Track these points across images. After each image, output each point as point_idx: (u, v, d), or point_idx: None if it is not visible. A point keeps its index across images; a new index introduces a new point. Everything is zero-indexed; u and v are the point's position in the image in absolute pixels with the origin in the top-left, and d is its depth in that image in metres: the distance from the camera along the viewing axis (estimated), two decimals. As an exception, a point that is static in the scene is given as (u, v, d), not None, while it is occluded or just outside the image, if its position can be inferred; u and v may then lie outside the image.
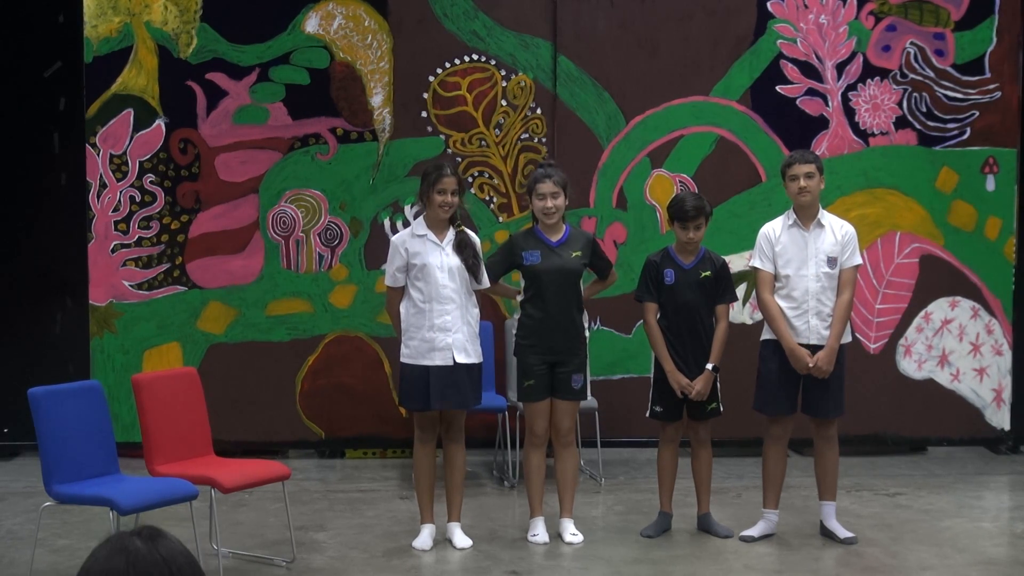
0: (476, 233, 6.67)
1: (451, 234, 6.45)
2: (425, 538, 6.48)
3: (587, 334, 6.71)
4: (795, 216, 6.60)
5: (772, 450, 6.72)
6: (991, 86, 8.69)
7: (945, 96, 8.67)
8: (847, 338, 6.66)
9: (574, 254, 6.55)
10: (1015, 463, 8.67)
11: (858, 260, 6.62)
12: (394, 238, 6.52)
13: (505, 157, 8.49)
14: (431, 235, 6.42)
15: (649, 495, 7.52)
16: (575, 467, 6.73)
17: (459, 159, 8.44)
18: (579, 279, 6.61)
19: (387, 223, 8.41)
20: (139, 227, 8.31)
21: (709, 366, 6.63)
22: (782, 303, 6.57)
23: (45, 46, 8.48)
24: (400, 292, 6.45)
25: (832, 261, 6.53)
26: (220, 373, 8.18)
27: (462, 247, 6.45)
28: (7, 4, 8.46)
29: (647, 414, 6.81)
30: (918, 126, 8.66)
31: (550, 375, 6.55)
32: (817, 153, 7.71)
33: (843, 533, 6.62)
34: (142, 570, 1.98)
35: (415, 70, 8.42)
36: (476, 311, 6.51)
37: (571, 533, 6.58)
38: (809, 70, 8.60)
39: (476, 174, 8.46)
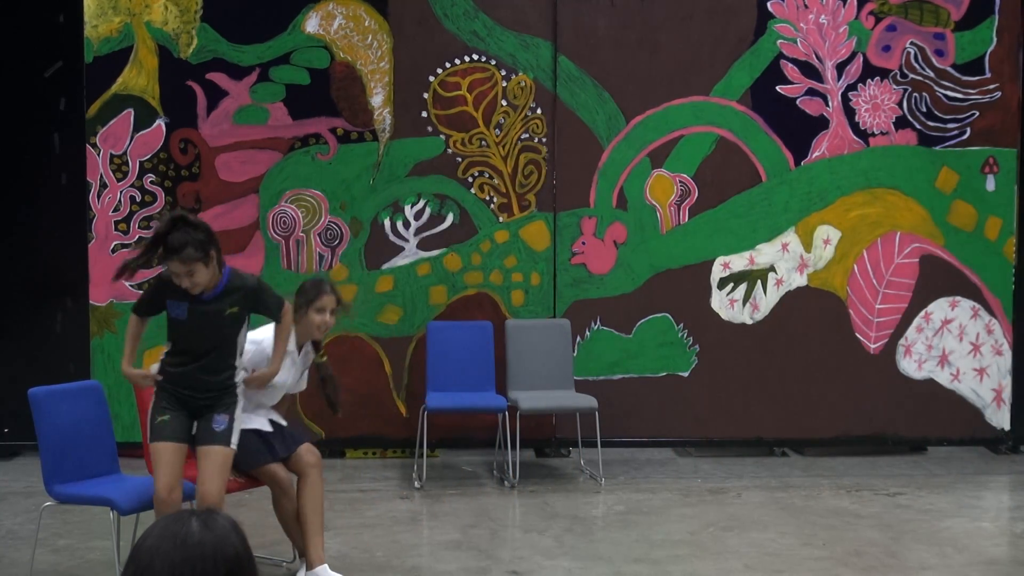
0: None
1: None
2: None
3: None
4: None
5: None
6: (991, 86, 8.69)
7: (945, 96, 8.67)
8: None
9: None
10: (1015, 463, 8.66)
11: None
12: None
13: (505, 157, 8.49)
14: None
15: (649, 495, 7.52)
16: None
17: (459, 159, 8.44)
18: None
19: (387, 223, 8.41)
20: (139, 227, 8.31)
21: None
22: None
23: (45, 46, 8.48)
24: None
25: None
26: (220, 373, 8.17)
27: None
28: (7, 4, 8.46)
29: None
30: (918, 126, 8.66)
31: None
32: (816, 153, 7.64)
33: None
34: (192, 547, 2.07)
35: (415, 70, 8.42)
36: None
37: None
38: (809, 70, 8.60)
39: (476, 174, 8.46)
